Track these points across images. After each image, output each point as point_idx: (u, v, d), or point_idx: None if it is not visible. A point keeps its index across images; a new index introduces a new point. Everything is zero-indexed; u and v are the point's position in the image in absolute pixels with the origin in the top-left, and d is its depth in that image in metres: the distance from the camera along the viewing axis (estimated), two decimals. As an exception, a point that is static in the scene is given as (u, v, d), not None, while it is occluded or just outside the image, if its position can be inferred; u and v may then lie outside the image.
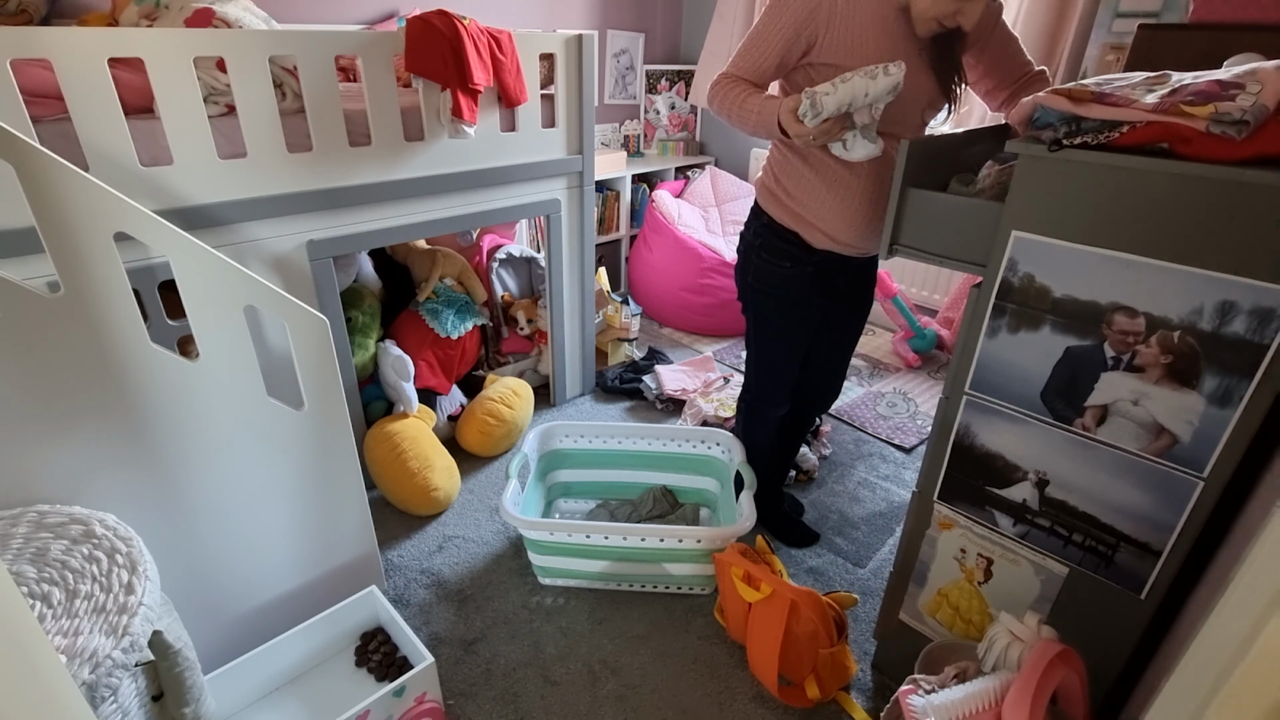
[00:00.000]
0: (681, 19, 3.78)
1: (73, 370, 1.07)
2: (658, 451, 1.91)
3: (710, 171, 3.57)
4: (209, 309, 1.19)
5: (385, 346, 1.98)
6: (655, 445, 1.91)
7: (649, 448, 1.92)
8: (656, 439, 1.91)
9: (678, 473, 1.94)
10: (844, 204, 1.39)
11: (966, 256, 1.10)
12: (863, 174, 1.36)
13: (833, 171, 1.37)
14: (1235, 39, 1.00)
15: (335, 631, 1.44)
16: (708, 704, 1.42)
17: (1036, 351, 1.02)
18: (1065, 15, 2.28)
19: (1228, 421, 0.88)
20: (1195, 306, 0.87)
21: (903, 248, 1.18)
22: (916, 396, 2.62)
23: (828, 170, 1.37)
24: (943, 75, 1.34)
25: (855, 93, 1.14)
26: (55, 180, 0.99)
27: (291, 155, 1.57)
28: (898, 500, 2.05)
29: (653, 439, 1.91)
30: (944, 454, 1.19)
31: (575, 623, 1.60)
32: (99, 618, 0.86)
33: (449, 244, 2.44)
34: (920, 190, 1.13)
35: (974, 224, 1.07)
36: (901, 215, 1.16)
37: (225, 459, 1.28)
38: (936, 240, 1.13)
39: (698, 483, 1.94)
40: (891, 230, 1.17)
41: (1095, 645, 1.07)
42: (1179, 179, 0.84)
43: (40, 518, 1.02)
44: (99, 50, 1.26)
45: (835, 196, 1.39)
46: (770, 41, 1.31)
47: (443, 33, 1.64)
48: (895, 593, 1.37)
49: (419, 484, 1.86)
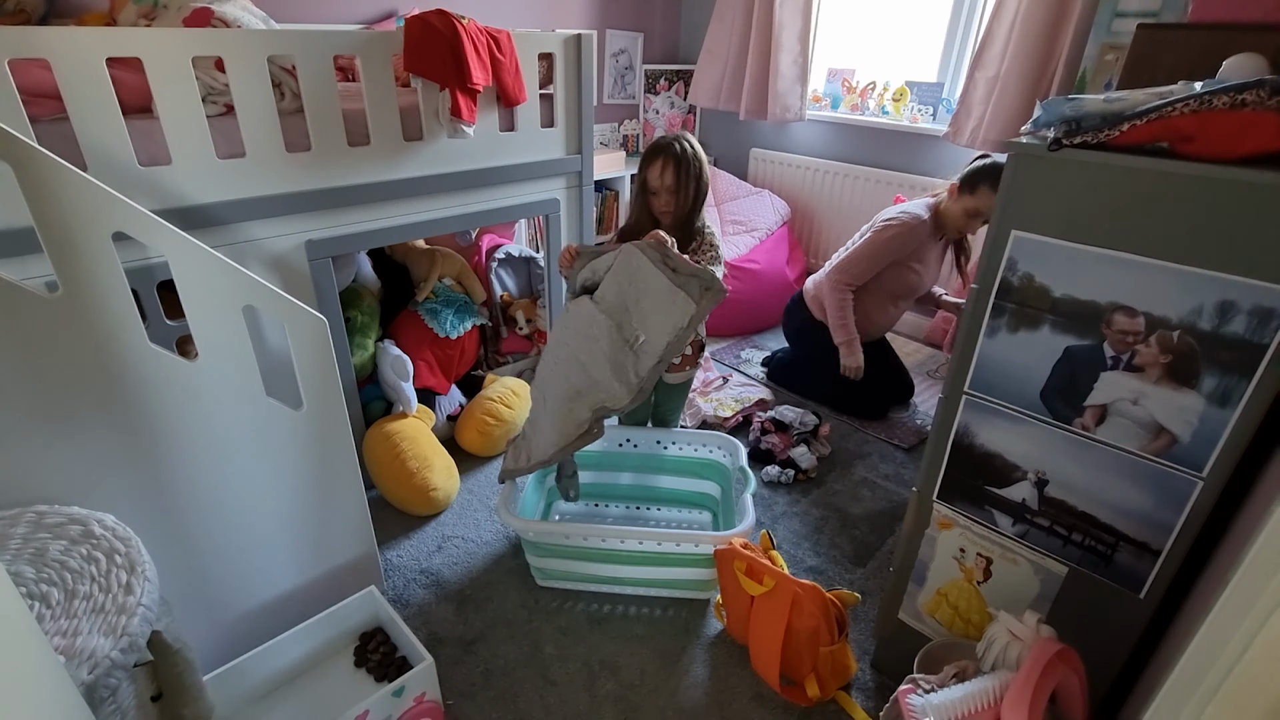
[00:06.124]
0: (680, 19, 3.78)
1: (71, 370, 1.07)
2: (658, 454, 1.91)
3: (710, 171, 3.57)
4: (208, 309, 1.18)
5: (384, 346, 1.98)
6: (655, 448, 1.91)
7: (649, 450, 1.91)
8: (656, 441, 1.91)
9: (678, 476, 1.94)
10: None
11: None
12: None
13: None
14: (1234, 39, 1.00)
15: (334, 632, 1.44)
16: (707, 704, 1.42)
17: (1036, 351, 1.02)
18: (1064, 15, 2.28)
19: (1227, 421, 0.88)
20: (1195, 306, 0.87)
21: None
22: (916, 396, 2.62)
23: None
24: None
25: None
26: (53, 180, 0.99)
27: (290, 155, 1.57)
28: (897, 500, 2.05)
29: (652, 442, 1.91)
30: (943, 454, 1.19)
31: (574, 622, 1.60)
32: (98, 618, 0.86)
33: (448, 244, 2.43)
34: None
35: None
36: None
37: (224, 459, 1.28)
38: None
39: (698, 486, 1.93)
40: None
41: (1094, 644, 1.07)
42: (1179, 179, 0.84)
43: (39, 518, 1.01)
44: (97, 50, 1.26)
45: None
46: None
47: (441, 32, 1.64)
48: (895, 592, 1.37)
49: (418, 484, 1.85)
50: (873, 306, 2.35)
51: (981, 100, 2.52)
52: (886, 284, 2.31)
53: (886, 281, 2.30)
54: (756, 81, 3.22)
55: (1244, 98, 0.80)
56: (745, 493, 1.64)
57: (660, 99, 3.75)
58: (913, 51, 3.05)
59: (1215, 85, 0.83)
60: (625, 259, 1.50)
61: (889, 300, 2.35)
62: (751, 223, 3.27)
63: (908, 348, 3.01)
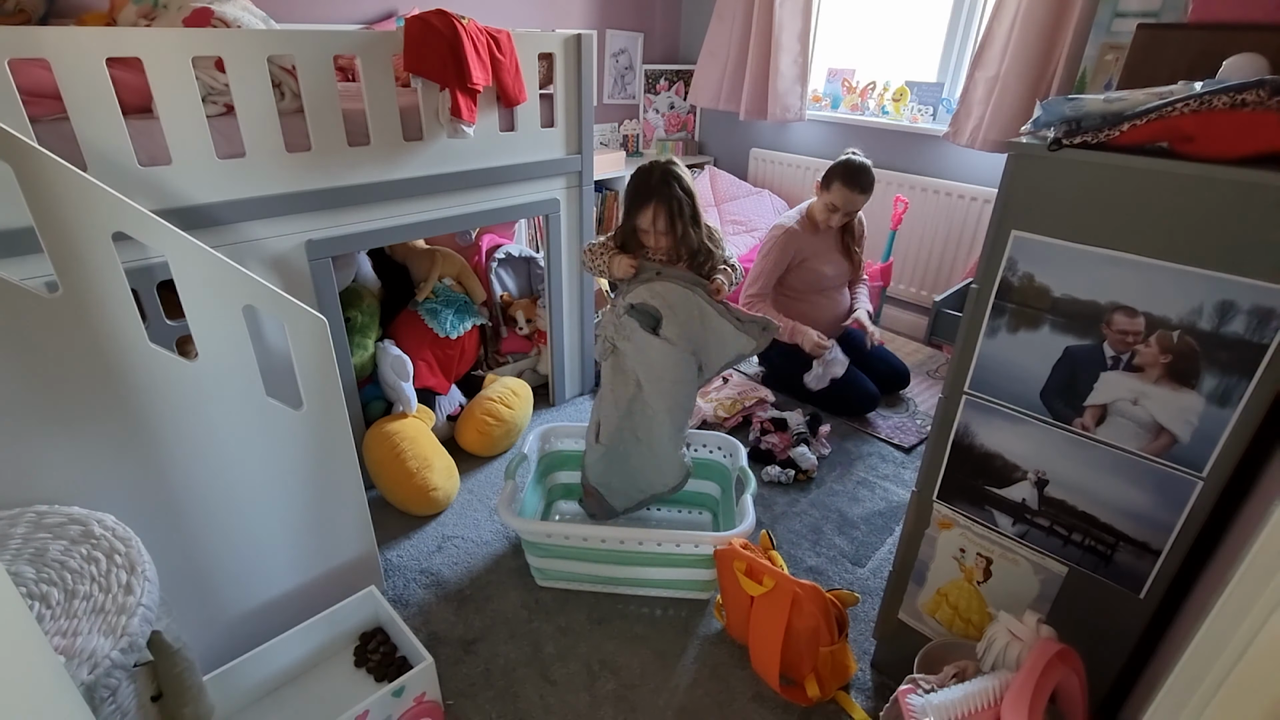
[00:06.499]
0: (680, 19, 3.78)
1: (71, 370, 1.07)
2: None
3: (710, 171, 3.57)
4: (208, 309, 1.18)
5: (384, 346, 1.98)
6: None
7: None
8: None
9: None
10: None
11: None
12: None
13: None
14: (1234, 39, 1.00)
15: (334, 632, 1.44)
16: (707, 704, 1.42)
17: (1036, 351, 1.02)
18: (1064, 15, 2.28)
19: (1227, 421, 0.88)
20: (1195, 306, 0.87)
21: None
22: (916, 396, 2.62)
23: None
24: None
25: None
26: (53, 180, 0.99)
27: (290, 155, 1.57)
28: (897, 500, 2.05)
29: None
30: (943, 453, 1.19)
31: (575, 622, 1.60)
32: (98, 618, 0.86)
33: (448, 244, 2.43)
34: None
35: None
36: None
37: (224, 459, 1.28)
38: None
39: (699, 486, 1.93)
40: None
41: (1094, 644, 1.07)
42: (1179, 178, 0.84)
43: (39, 518, 1.01)
44: (97, 50, 1.26)
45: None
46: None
47: (441, 32, 1.64)
48: (894, 592, 1.37)
49: (418, 484, 1.85)
50: (800, 307, 2.51)
51: (981, 100, 2.52)
52: (798, 285, 2.48)
53: (796, 283, 2.48)
54: (756, 81, 3.22)
55: (1244, 98, 0.80)
56: (745, 493, 1.64)
57: (660, 99, 3.75)
58: (913, 51, 3.05)
59: (1215, 85, 0.83)
60: (686, 299, 1.56)
61: (809, 295, 2.51)
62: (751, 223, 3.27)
63: (908, 348, 3.01)
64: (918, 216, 2.92)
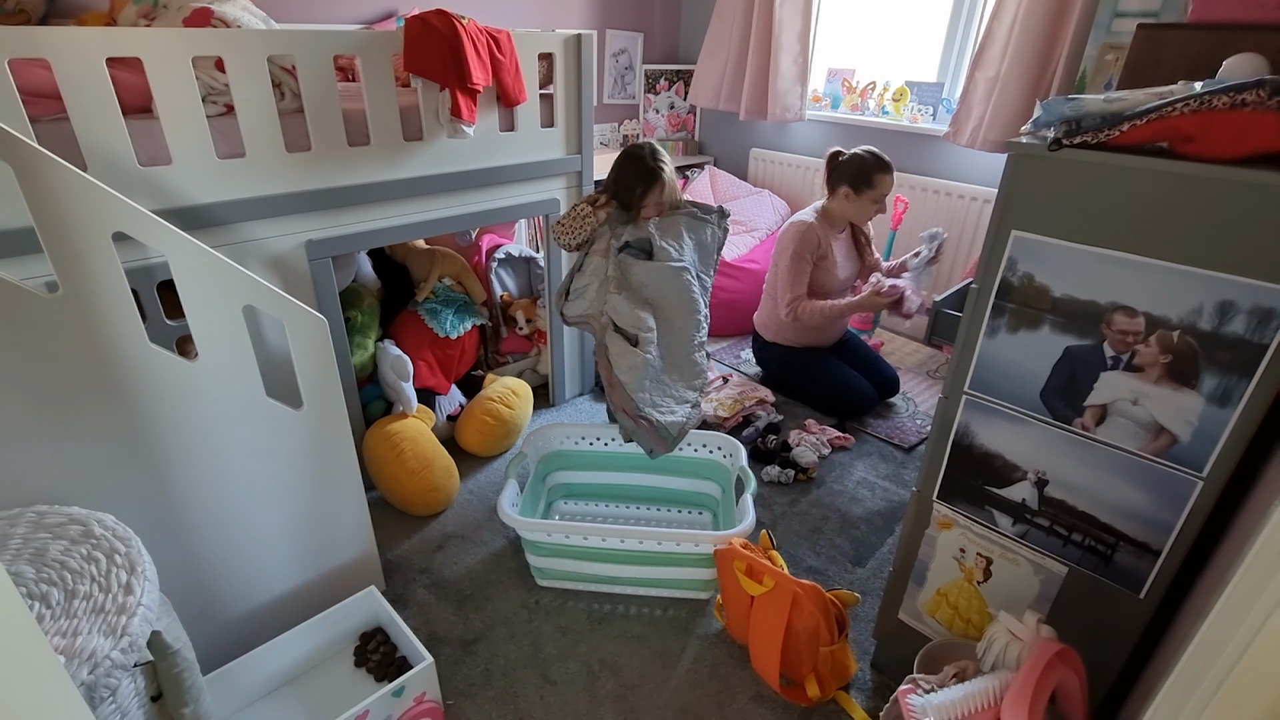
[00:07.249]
0: (680, 19, 3.78)
1: (71, 370, 1.07)
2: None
3: (710, 171, 3.57)
4: (208, 309, 1.18)
5: (384, 346, 1.98)
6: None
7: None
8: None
9: (678, 476, 1.94)
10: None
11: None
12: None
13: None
14: (1234, 39, 1.00)
15: (334, 632, 1.44)
16: (707, 704, 1.42)
17: (1036, 351, 1.02)
18: (1064, 15, 2.28)
19: (1227, 421, 0.88)
20: (1195, 306, 0.87)
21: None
22: (916, 396, 2.62)
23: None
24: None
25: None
26: (53, 180, 0.99)
27: (290, 155, 1.57)
28: (897, 500, 2.05)
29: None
30: (943, 453, 1.19)
31: (575, 622, 1.60)
32: (98, 618, 0.86)
33: (448, 244, 2.43)
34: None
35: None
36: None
37: (224, 459, 1.28)
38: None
39: (698, 486, 1.94)
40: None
41: (1094, 645, 1.07)
42: (1179, 178, 0.84)
43: (39, 518, 1.01)
44: (97, 50, 1.26)
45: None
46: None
47: (441, 32, 1.64)
48: (894, 592, 1.37)
49: (418, 484, 1.85)
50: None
51: (981, 100, 2.52)
52: (811, 286, 2.41)
53: (811, 284, 2.41)
54: (756, 81, 3.22)
55: (1244, 98, 0.80)
56: (745, 493, 1.64)
57: (660, 99, 3.75)
58: (913, 51, 3.05)
59: (1215, 85, 0.83)
60: (670, 220, 1.87)
61: (822, 299, 2.46)
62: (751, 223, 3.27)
63: (908, 348, 3.01)
64: (918, 216, 2.92)
